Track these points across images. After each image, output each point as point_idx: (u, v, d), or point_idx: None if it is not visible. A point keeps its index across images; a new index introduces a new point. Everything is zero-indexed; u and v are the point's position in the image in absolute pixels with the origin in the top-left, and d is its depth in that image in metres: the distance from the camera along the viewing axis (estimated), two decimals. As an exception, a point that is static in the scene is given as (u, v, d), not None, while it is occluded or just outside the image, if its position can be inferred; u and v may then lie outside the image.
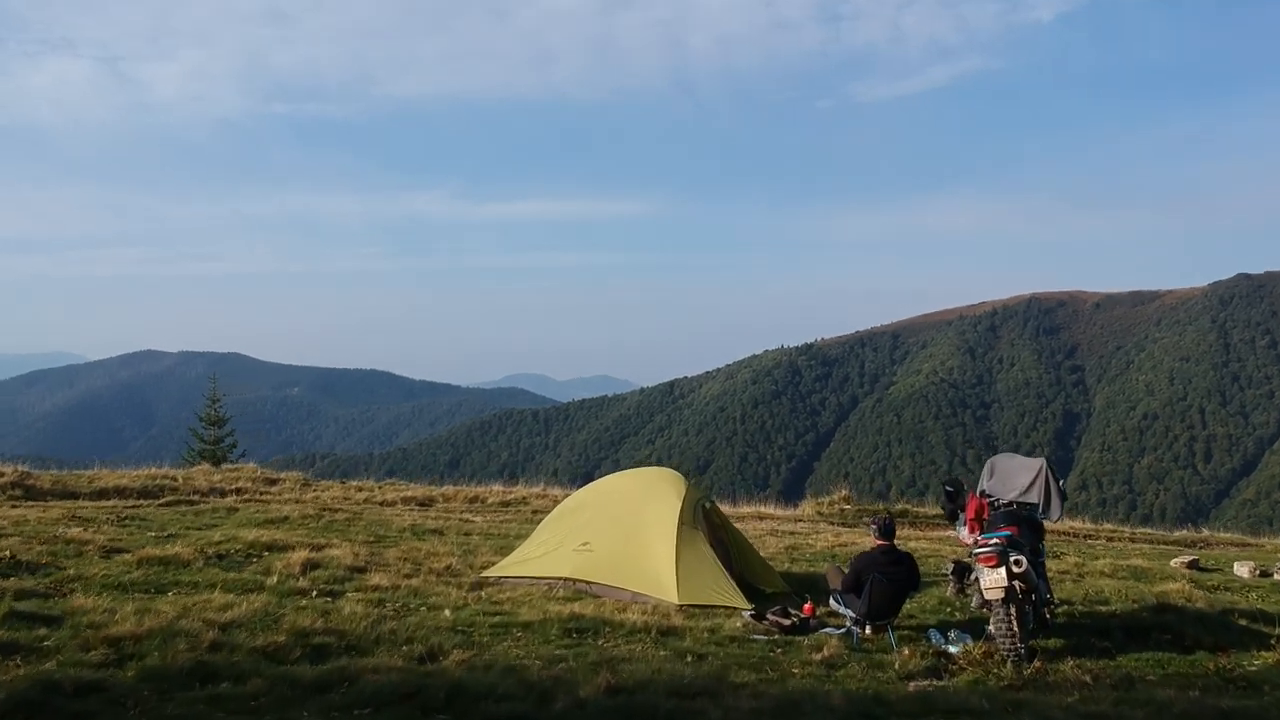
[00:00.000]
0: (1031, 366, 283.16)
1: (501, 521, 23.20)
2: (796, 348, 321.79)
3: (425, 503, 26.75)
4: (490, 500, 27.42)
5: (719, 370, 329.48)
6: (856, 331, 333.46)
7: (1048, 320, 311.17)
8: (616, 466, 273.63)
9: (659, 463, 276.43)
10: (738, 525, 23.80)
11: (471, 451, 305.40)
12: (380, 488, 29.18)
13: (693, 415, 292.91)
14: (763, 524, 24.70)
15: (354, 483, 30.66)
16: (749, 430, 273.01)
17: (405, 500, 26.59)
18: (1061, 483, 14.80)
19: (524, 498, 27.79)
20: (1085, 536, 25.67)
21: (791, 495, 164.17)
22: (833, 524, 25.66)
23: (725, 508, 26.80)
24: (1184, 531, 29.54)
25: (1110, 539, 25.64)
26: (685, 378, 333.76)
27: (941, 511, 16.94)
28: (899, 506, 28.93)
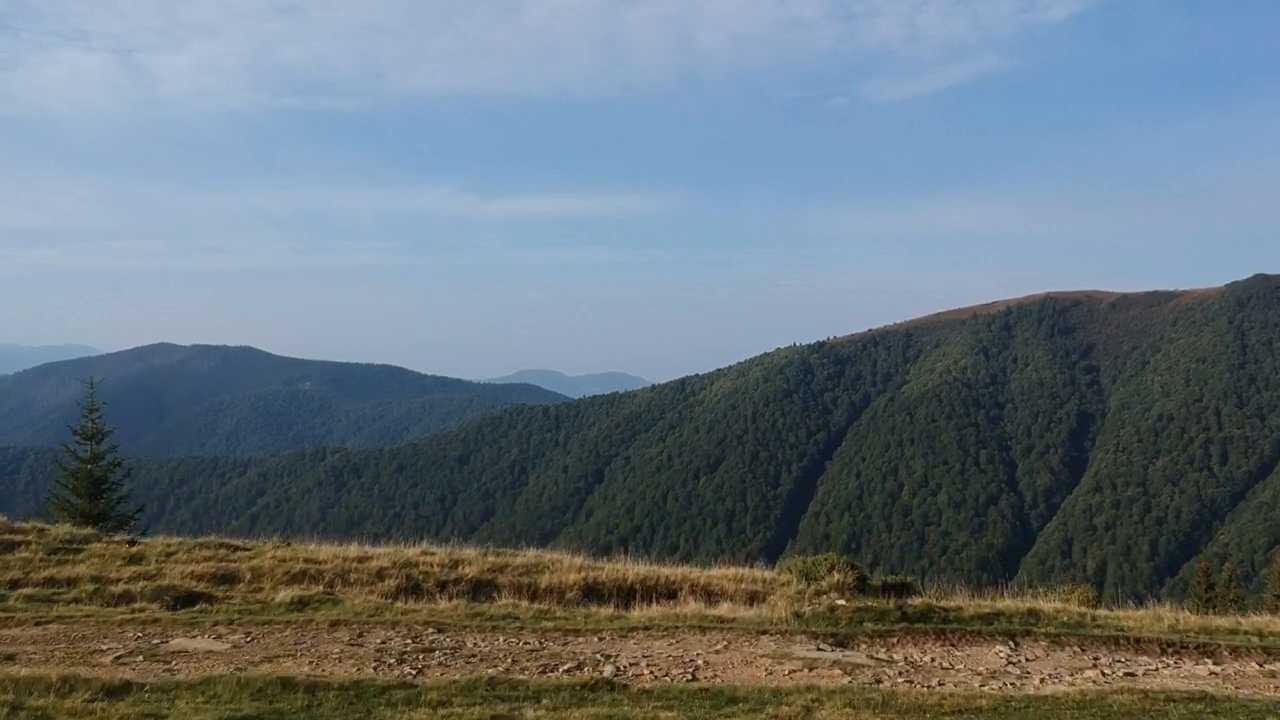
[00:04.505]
0: (1046, 366, 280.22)
1: (206, 662, 13.86)
2: (808, 346, 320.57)
3: (197, 595, 18.23)
4: (314, 584, 18.87)
5: (730, 368, 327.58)
6: (869, 330, 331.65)
7: (1063, 320, 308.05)
8: (626, 464, 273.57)
9: (669, 461, 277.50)
10: (663, 638, 15.50)
11: (482, 448, 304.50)
12: (170, 552, 21.29)
13: (704, 413, 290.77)
14: (699, 645, 15.13)
15: (147, 542, 22.87)
16: (760, 429, 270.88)
17: (161, 594, 18.13)
18: None
19: (378, 571, 19.74)
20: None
21: (800, 496, 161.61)
22: (815, 639, 15.74)
23: (665, 571, 20.04)
24: None
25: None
26: (696, 375, 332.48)
27: (993, 623, 8.26)
28: (917, 601, 18.40)
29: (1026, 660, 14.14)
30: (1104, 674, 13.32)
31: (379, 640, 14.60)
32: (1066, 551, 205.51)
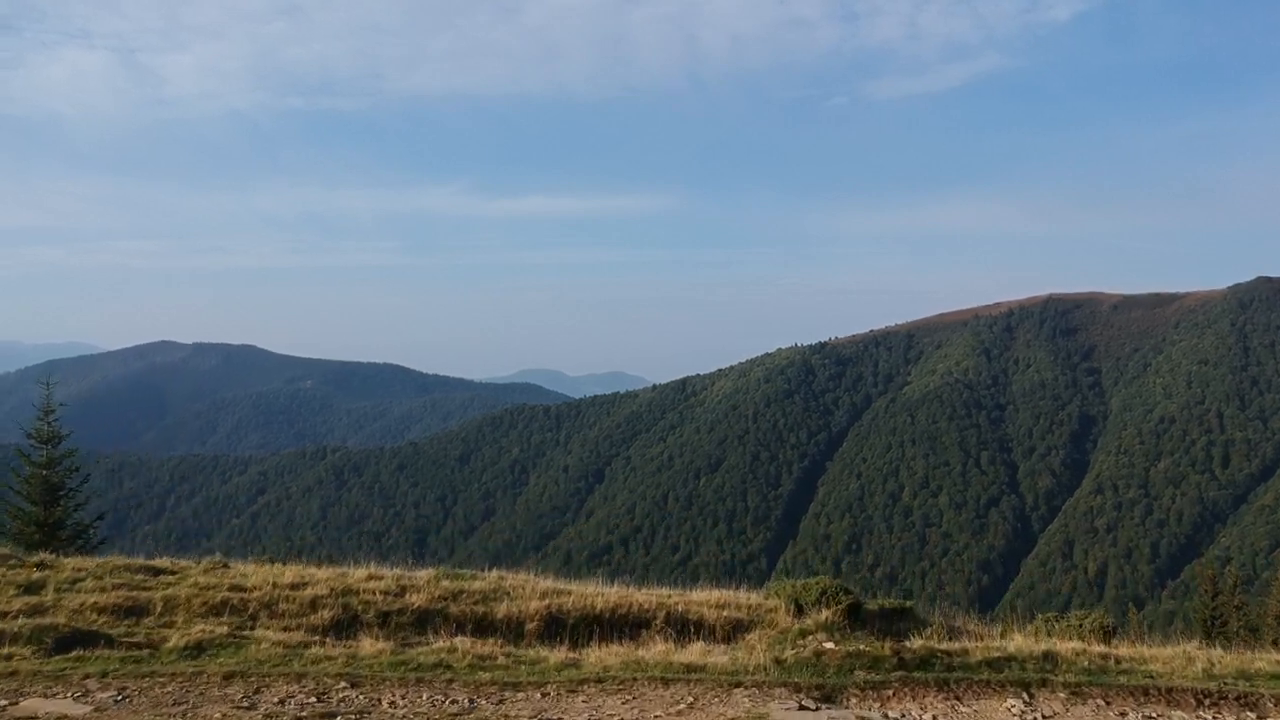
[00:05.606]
0: (1047, 368, 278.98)
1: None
2: (810, 346, 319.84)
3: (87, 634, 15.38)
4: (236, 616, 16.50)
5: (731, 368, 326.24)
6: (870, 331, 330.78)
7: (1065, 321, 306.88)
8: (627, 464, 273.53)
9: (670, 461, 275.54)
10: (618, 693, 12.96)
11: (483, 447, 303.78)
12: (78, 578, 18.17)
13: (705, 413, 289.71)
14: (659, 704, 12.58)
15: (61, 563, 19.61)
16: (761, 429, 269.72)
17: (42, 634, 15.28)
18: None
19: (312, 601, 17.09)
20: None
21: (801, 497, 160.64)
22: (797, 693, 13.10)
23: (638, 597, 17.65)
24: None
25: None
26: (698, 375, 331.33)
27: (1004, 670, 6.64)
28: (916, 643, 15.55)
29: (1044, 717, 11.93)
30: (1135, 736, 11.15)
31: (276, 699, 12.05)
32: (1067, 553, 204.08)
